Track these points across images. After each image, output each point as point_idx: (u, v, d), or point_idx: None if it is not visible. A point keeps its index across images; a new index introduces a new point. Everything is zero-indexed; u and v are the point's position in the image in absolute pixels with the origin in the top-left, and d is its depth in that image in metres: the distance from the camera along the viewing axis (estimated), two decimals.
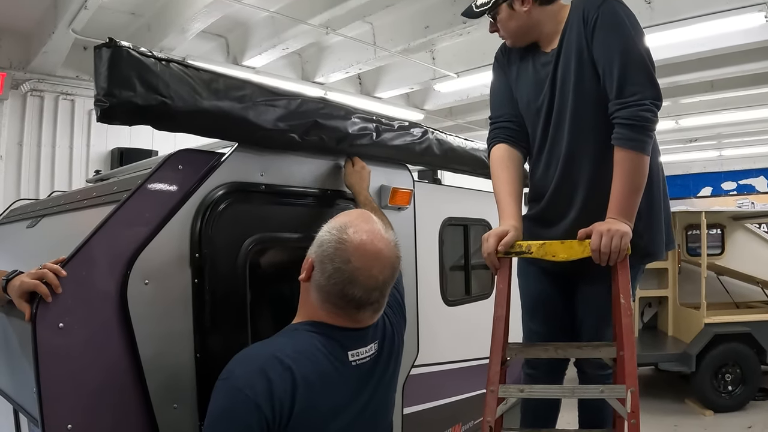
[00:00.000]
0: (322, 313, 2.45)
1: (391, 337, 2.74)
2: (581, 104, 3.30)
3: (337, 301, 2.41)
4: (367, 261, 2.38)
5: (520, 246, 3.30)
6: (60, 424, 2.50)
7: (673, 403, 10.30)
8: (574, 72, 3.28)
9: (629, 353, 3.10)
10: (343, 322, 2.46)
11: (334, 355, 2.42)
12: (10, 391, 3.30)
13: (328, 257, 2.38)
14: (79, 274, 2.62)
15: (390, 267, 2.48)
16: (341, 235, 2.40)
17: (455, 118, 16.01)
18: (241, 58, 11.09)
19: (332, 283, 2.37)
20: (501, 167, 3.57)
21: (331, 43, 11.57)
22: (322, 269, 2.40)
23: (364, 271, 2.37)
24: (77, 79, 10.86)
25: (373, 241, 2.41)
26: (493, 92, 3.80)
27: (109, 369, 2.70)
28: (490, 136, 3.72)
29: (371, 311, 2.49)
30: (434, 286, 4.99)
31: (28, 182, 10.49)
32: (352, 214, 2.57)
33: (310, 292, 2.48)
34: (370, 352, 2.56)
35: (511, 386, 3.29)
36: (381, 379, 2.64)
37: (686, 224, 11.65)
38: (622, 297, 3.15)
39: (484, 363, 5.20)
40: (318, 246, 2.45)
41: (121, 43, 2.84)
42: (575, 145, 3.35)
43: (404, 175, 4.47)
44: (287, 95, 3.48)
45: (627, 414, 3.03)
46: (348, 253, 2.36)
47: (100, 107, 2.82)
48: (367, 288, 2.39)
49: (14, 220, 4.82)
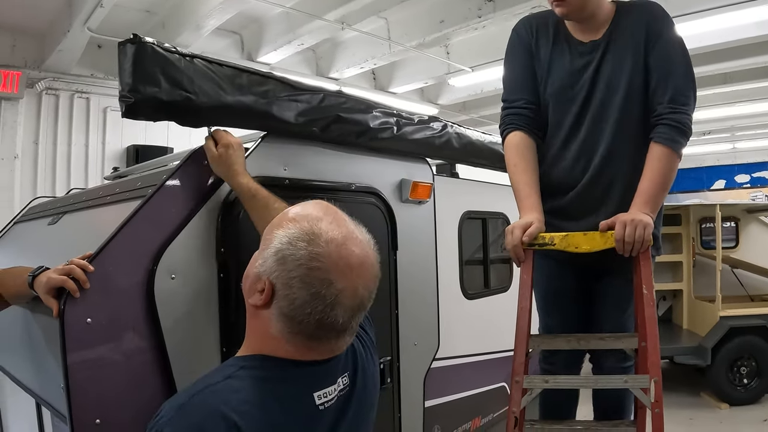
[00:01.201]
0: (287, 347, 1.82)
1: (365, 366, 2.15)
2: (630, 103, 3.36)
3: (312, 333, 1.79)
4: (352, 278, 1.78)
5: (543, 238, 3.31)
6: (88, 419, 2.51)
7: (688, 396, 10.25)
8: (629, 71, 3.34)
9: (652, 343, 3.11)
10: (312, 356, 1.86)
11: (296, 403, 1.82)
12: (34, 386, 3.31)
13: (298, 281, 1.73)
14: (106, 270, 2.63)
15: (374, 277, 1.89)
16: (313, 248, 1.75)
17: (469, 112, 16.01)
18: (255, 55, 11.11)
19: (307, 313, 1.74)
20: (519, 156, 3.54)
21: (345, 39, 11.59)
22: (290, 294, 1.75)
23: (348, 292, 1.77)
24: (92, 77, 10.89)
25: (353, 249, 1.81)
26: (512, 71, 3.73)
27: (136, 363, 2.71)
28: (505, 120, 3.68)
29: (350, 335, 1.92)
30: (454, 279, 5.01)
31: (44, 180, 10.54)
32: (312, 211, 1.88)
33: (267, 321, 1.81)
34: (339, 388, 1.96)
35: (535, 377, 3.31)
36: (355, 422, 2.03)
37: (700, 217, 11.57)
38: (644, 287, 3.16)
39: (503, 356, 5.27)
40: (279, 263, 1.76)
41: (146, 39, 2.85)
42: (617, 142, 3.38)
43: (424, 169, 4.51)
44: (309, 90, 3.51)
45: (651, 403, 3.05)
46: (328, 273, 1.74)
47: (125, 103, 2.82)
48: (352, 310, 1.81)
49: (34, 218, 4.84)
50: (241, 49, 11.31)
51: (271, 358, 1.83)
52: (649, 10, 3.42)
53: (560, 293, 3.79)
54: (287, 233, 1.79)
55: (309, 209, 1.90)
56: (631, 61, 3.35)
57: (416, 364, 4.37)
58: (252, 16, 10.50)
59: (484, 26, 9.69)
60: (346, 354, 2.04)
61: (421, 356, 4.44)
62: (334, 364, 1.96)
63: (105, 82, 10.92)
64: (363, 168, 3.93)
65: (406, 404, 4.26)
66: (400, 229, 4.19)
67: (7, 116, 10.08)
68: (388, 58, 11.50)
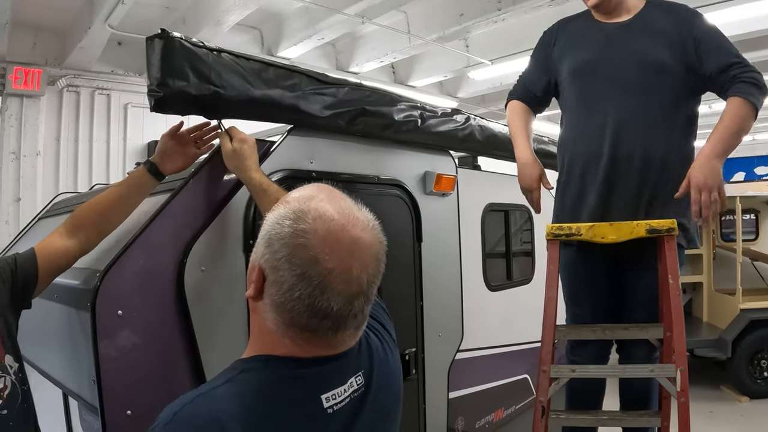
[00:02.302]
0: (285, 341, 1.63)
1: (383, 364, 1.91)
2: (656, 79, 3.44)
3: (306, 322, 1.59)
4: (343, 257, 1.58)
5: (570, 228, 3.33)
6: (119, 410, 2.55)
7: (708, 389, 10.24)
8: (657, 49, 3.45)
9: (678, 333, 3.13)
10: (313, 351, 1.65)
11: (301, 407, 1.63)
12: (62, 378, 3.35)
13: (284, 261, 1.56)
14: (137, 263, 2.67)
15: (374, 259, 1.66)
16: (298, 224, 1.58)
17: (488, 105, 15.98)
18: (275, 50, 11.11)
19: (296, 298, 1.55)
20: (520, 118, 3.97)
21: (365, 33, 11.58)
22: (277, 279, 1.58)
23: (340, 273, 1.57)
24: (112, 73, 10.95)
25: (345, 226, 1.61)
26: (534, 60, 4.03)
27: (166, 355, 2.76)
28: (517, 90, 4.08)
29: (353, 328, 1.69)
30: (477, 271, 5.02)
31: (66, 177, 10.61)
32: (307, 191, 1.73)
33: (263, 313, 1.65)
34: (352, 390, 1.74)
35: (562, 366, 3.33)
36: (373, 426, 1.82)
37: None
38: (670, 277, 3.17)
39: (525, 348, 5.28)
40: (266, 246, 1.61)
41: (174, 34, 2.88)
42: (641, 115, 3.46)
43: (447, 162, 4.53)
44: (335, 83, 3.54)
45: (677, 393, 3.06)
46: (314, 250, 1.55)
47: (154, 97, 2.84)
48: (348, 296, 1.59)
49: (58, 213, 4.86)
50: (260, 44, 11.32)
51: (273, 359, 1.64)
52: (680, 5, 3.55)
53: (587, 284, 3.79)
54: (275, 214, 1.64)
55: (303, 191, 1.74)
56: (660, 40, 3.44)
57: (441, 356, 4.39)
58: (272, 11, 10.50)
59: (504, 19, 9.65)
60: (359, 351, 1.81)
61: (446, 348, 4.46)
62: (344, 363, 1.73)
63: (126, 78, 10.99)
64: (388, 160, 3.96)
65: (431, 396, 4.27)
66: (425, 221, 4.21)
67: (28, 114, 10.17)
68: (407, 52, 11.47)
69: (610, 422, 3.62)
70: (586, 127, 3.54)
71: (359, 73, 12.23)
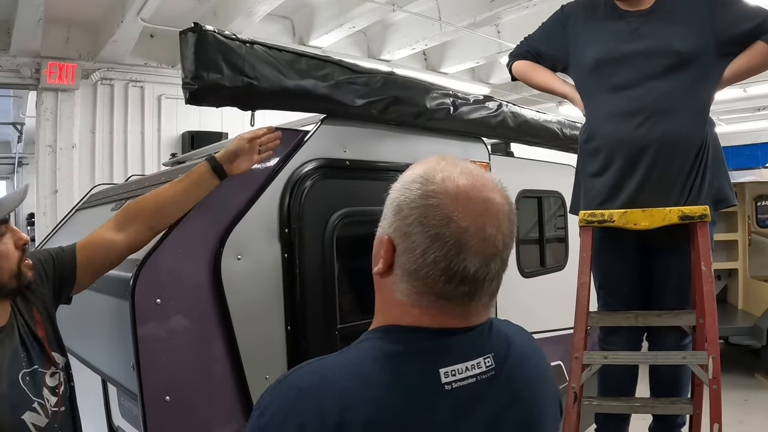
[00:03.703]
0: (413, 311, 1.50)
1: (523, 358, 1.67)
2: (680, 64, 3.44)
3: (442, 288, 1.45)
4: (477, 216, 1.44)
5: (602, 215, 3.33)
6: (158, 396, 2.60)
7: (742, 377, 10.06)
8: (681, 34, 3.44)
9: (710, 320, 3.13)
10: (443, 321, 1.51)
11: (415, 377, 1.47)
12: (101, 364, 3.42)
13: (415, 224, 1.45)
14: (175, 252, 2.73)
15: (506, 220, 1.52)
16: (427, 186, 1.48)
17: (520, 91, 15.90)
18: (307, 39, 11.13)
19: (430, 263, 1.43)
20: (538, 66, 4.06)
21: (396, 20, 11.56)
22: (409, 246, 1.46)
23: (475, 232, 1.43)
24: (145, 66, 11.02)
25: (474, 185, 1.49)
26: (545, 34, 4.09)
27: (204, 342, 2.81)
28: (521, 49, 4.15)
29: (488, 296, 1.54)
30: (511, 257, 4.99)
31: (102, 169, 10.70)
32: (431, 161, 1.58)
33: (393, 288, 1.53)
34: (480, 370, 1.53)
35: (595, 353, 3.34)
36: (505, 417, 1.56)
37: (756, 195, 11.35)
38: (702, 264, 3.17)
39: (558, 335, 5.28)
40: (395, 214, 1.51)
41: (207, 28, 2.92)
42: (667, 101, 3.45)
43: (480, 149, 4.55)
44: (367, 72, 3.57)
45: (709, 380, 3.06)
46: (446, 209, 1.43)
47: (189, 90, 2.89)
48: (484, 257, 1.45)
49: (96, 205, 4.91)
50: (292, 34, 11.36)
51: (396, 329, 1.52)
52: None
53: (619, 271, 3.80)
54: (400, 182, 1.55)
55: (427, 161, 1.59)
56: (683, 25, 3.44)
57: None
58: (303, 0, 10.54)
59: (535, 4, 9.59)
60: (493, 333, 1.61)
61: None
62: (473, 338, 1.55)
63: (158, 70, 11.08)
64: (420, 148, 3.96)
65: None
66: None
67: (63, 107, 10.25)
68: (439, 39, 11.45)
69: (642, 409, 3.63)
70: (619, 115, 3.53)
71: (391, 61, 12.22)
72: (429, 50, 13.07)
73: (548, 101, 15.52)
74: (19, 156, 21.55)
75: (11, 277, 2.35)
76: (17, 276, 2.37)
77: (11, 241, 2.37)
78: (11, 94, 14.90)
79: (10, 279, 2.35)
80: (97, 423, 3.86)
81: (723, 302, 11.40)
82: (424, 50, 12.88)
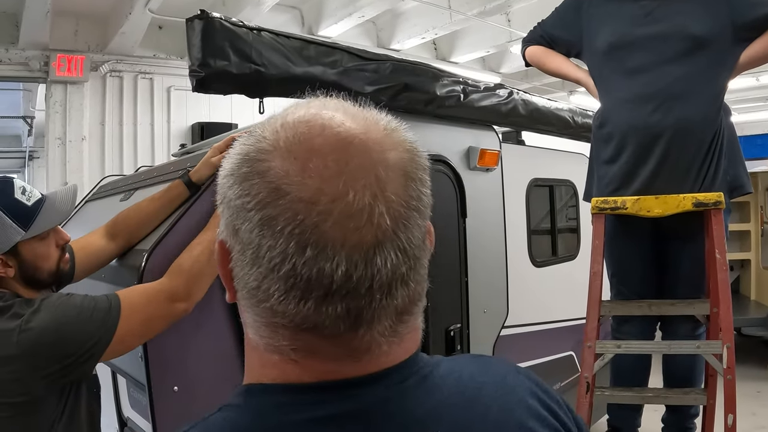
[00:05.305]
0: (273, 359, 0.90)
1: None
2: (696, 47, 3.40)
3: (294, 312, 0.83)
4: (328, 176, 0.82)
5: (615, 202, 3.30)
6: (166, 387, 2.60)
7: (755, 368, 9.94)
8: (696, 17, 3.41)
9: (725, 308, 3.09)
10: (319, 369, 0.88)
11: None
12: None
13: (236, 210, 0.85)
14: (182, 242, 2.68)
15: (397, 175, 0.87)
16: (251, 146, 0.87)
17: (531, 80, 15.86)
18: (316, 29, 11.13)
19: (268, 268, 0.82)
20: (552, 52, 4.01)
21: (405, 9, 11.54)
22: (239, 248, 0.86)
23: (328, 204, 0.80)
24: (154, 57, 11.04)
25: (326, 125, 0.87)
26: (559, 19, 4.02)
27: (211, 332, 2.79)
28: (535, 35, 4.11)
29: (392, 318, 0.87)
30: (522, 246, 5.00)
31: (111, 160, 10.71)
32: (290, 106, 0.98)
33: (244, 322, 0.95)
34: None
35: (607, 342, 3.30)
36: None
37: None
38: (717, 252, 3.13)
39: (570, 325, 5.25)
40: (219, 201, 0.91)
41: (213, 15, 2.90)
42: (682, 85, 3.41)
43: (491, 137, 4.51)
44: (377, 59, 3.54)
45: (723, 370, 3.03)
46: (273, 176, 0.83)
47: (196, 77, 2.88)
48: (358, 246, 0.81)
49: (105, 196, 4.90)
50: (301, 23, 11.35)
51: (254, 390, 0.94)
52: None
53: (632, 259, 3.77)
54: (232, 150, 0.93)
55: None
56: (698, 8, 3.41)
57: (486, 332, 4.38)
58: None
59: None
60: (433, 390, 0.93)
61: (491, 324, 4.45)
62: (372, 399, 0.87)
63: (167, 62, 11.08)
64: (431, 136, 3.95)
65: None
66: (469, 196, 4.18)
67: (73, 99, 10.28)
68: (448, 28, 11.42)
69: (655, 399, 3.60)
70: (633, 101, 3.48)
71: (401, 50, 12.19)
72: (439, 39, 13.04)
73: (559, 91, 15.46)
74: (29, 150, 21.56)
75: (50, 275, 2.44)
76: (55, 273, 2.47)
77: (53, 242, 2.45)
78: (21, 88, 14.92)
79: (49, 276, 2.44)
80: (108, 414, 3.85)
81: (735, 293, 11.18)
82: (434, 39, 12.86)
